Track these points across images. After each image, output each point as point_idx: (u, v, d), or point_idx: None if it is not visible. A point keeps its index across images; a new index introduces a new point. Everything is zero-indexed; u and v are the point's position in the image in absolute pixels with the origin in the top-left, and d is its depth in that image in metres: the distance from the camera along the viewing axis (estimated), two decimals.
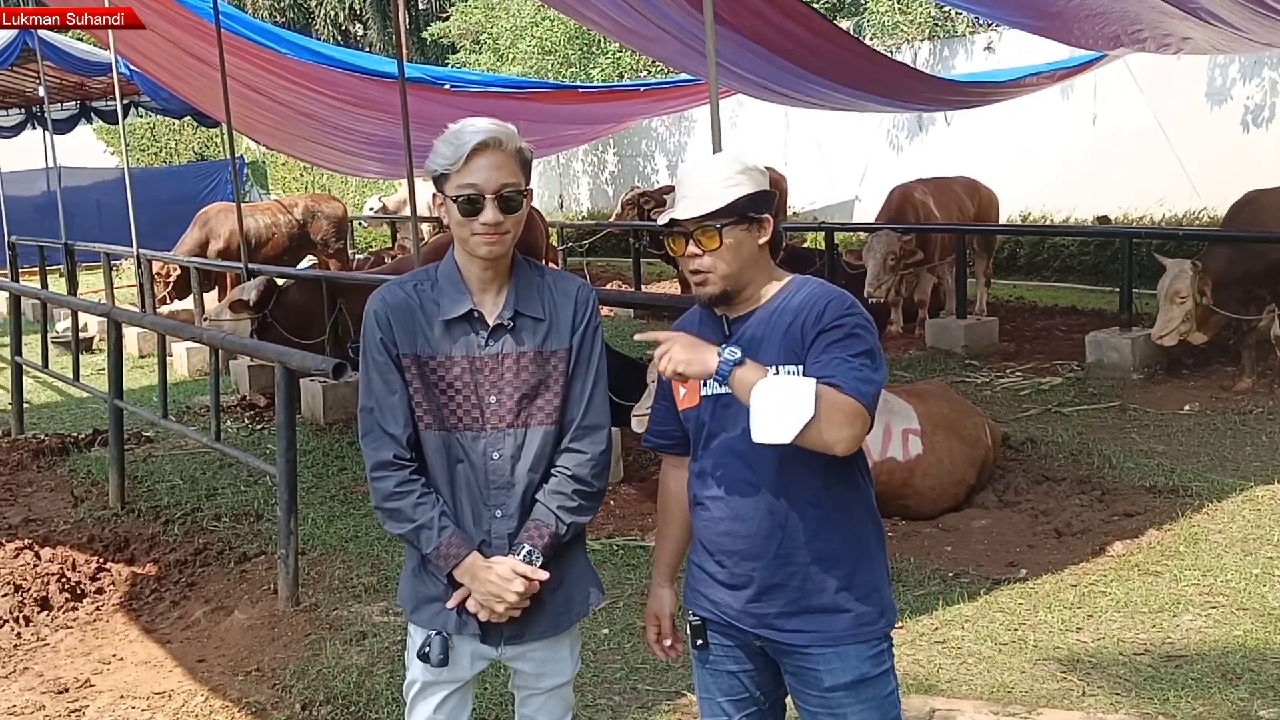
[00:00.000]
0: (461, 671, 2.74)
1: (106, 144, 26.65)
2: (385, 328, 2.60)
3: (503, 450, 2.61)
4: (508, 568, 2.56)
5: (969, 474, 6.15)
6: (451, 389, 2.60)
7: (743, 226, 2.49)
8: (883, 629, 2.54)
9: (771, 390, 2.30)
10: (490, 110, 11.85)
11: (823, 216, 16.62)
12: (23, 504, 7.15)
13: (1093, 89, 14.50)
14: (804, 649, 2.50)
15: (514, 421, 2.61)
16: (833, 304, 2.46)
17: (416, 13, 27.77)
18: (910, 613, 4.75)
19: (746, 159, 2.56)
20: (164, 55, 12.17)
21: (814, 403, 2.27)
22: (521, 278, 2.65)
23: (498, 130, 2.54)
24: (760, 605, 2.51)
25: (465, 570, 2.58)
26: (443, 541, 2.57)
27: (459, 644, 2.70)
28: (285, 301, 9.47)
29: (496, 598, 2.56)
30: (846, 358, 2.39)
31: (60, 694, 4.48)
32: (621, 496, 6.52)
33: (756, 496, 2.49)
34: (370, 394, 2.62)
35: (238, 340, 7.02)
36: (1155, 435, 7.27)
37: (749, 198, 2.49)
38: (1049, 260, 14.32)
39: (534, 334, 2.62)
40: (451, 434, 2.61)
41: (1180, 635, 4.45)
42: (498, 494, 2.62)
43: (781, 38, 8.49)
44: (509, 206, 2.55)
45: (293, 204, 14.59)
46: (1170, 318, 8.19)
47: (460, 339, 2.60)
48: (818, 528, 2.48)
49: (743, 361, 2.34)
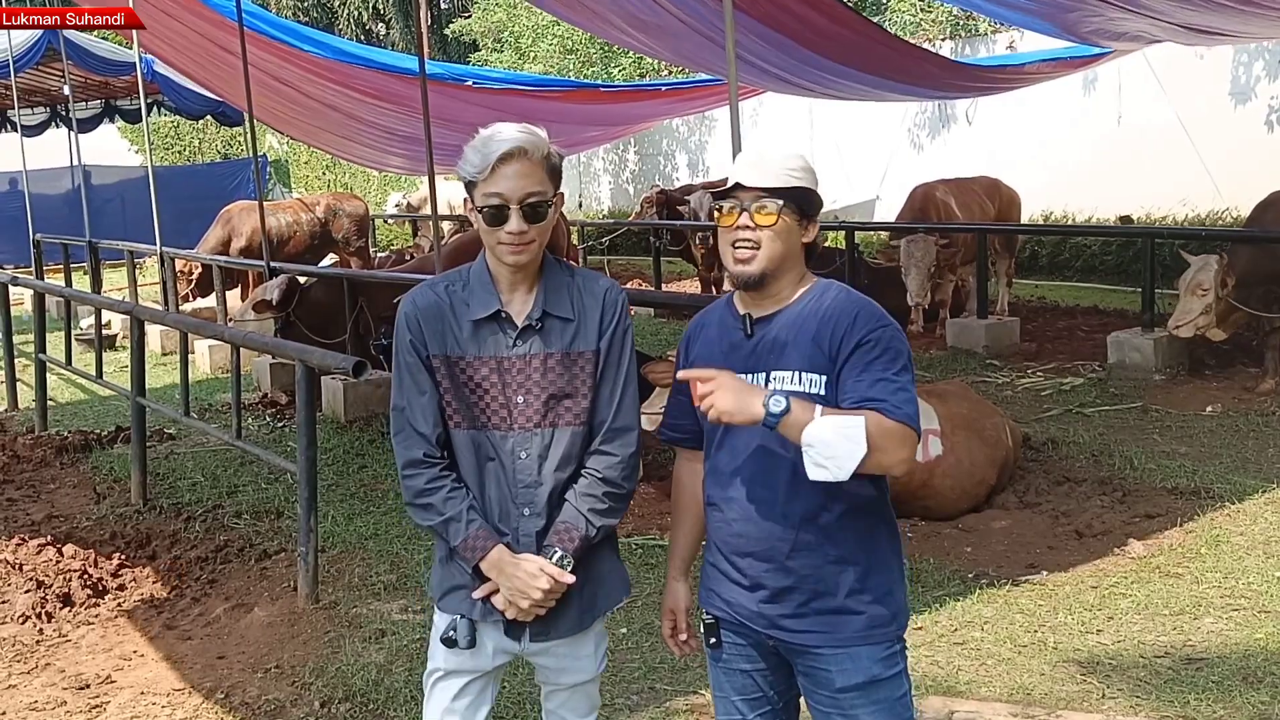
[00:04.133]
0: (484, 661, 2.73)
1: (130, 142, 26.82)
2: (415, 330, 2.63)
3: (530, 450, 2.62)
4: (535, 565, 2.57)
5: (989, 475, 6.13)
6: (480, 389, 2.61)
7: (797, 216, 2.50)
8: (895, 631, 2.53)
9: (823, 433, 2.29)
10: (511, 108, 11.89)
11: (844, 216, 16.53)
12: (45, 500, 7.21)
13: (1116, 87, 14.42)
14: (816, 649, 2.50)
15: (541, 422, 2.62)
16: (862, 315, 2.45)
17: (439, 11, 27.86)
18: (930, 614, 4.74)
19: (809, 159, 2.57)
20: (189, 49, 12.23)
21: (866, 439, 2.28)
22: (551, 278, 2.66)
23: (525, 138, 2.53)
24: (773, 606, 2.51)
25: (492, 564, 2.59)
26: (470, 534, 2.59)
27: (484, 631, 2.69)
28: (307, 300, 9.50)
29: (522, 594, 2.57)
30: (890, 377, 2.39)
31: (81, 690, 4.51)
32: (640, 495, 6.50)
33: (770, 497, 2.49)
34: (401, 393, 2.65)
35: (259, 338, 7.05)
36: (1177, 436, 7.23)
37: (808, 191, 2.51)
38: (1071, 260, 14.25)
39: (562, 335, 2.63)
40: (482, 432, 2.63)
41: (1201, 638, 4.42)
42: (525, 492, 2.63)
43: (802, 26, 8.49)
44: (535, 216, 2.54)
45: (314, 202, 14.66)
46: (1189, 309, 8.16)
47: (488, 339, 2.61)
48: (831, 530, 2.48)
49: (789, 410, 2.30)
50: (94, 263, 14.52)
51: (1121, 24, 8.69)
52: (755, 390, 2.36)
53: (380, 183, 25.76)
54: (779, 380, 2.47)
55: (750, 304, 2.56)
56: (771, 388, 2.38)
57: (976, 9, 12.14)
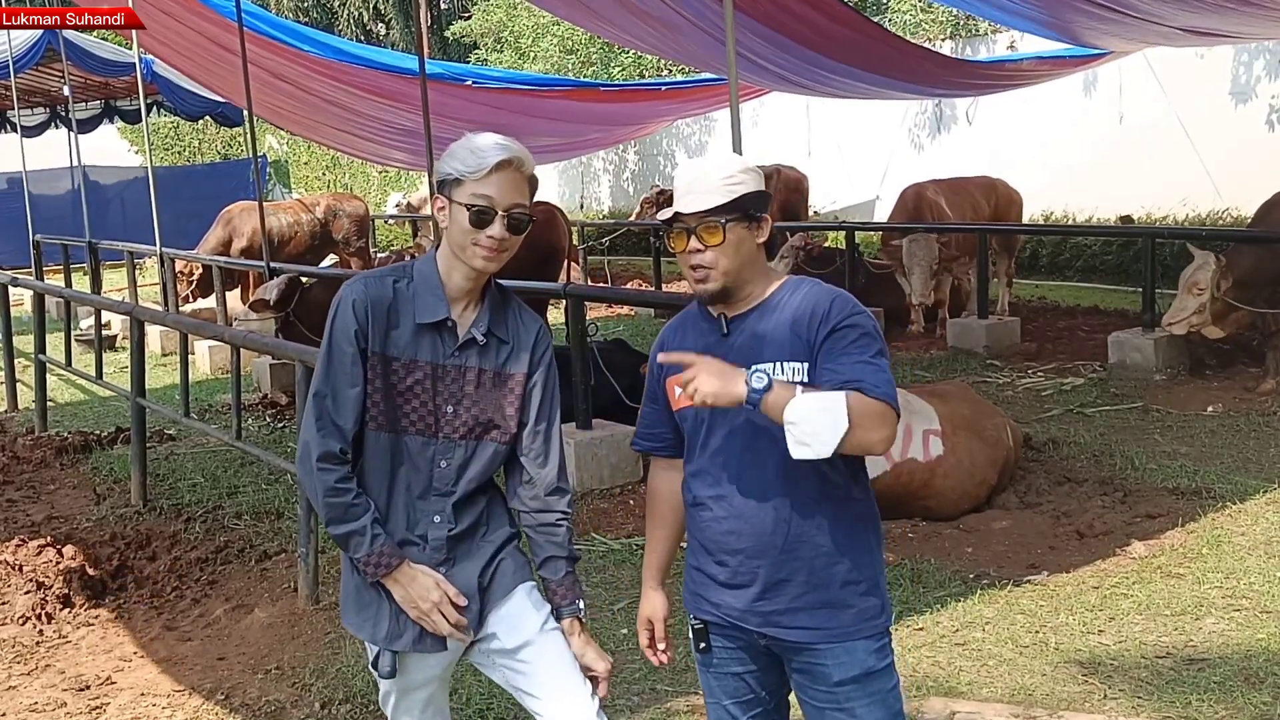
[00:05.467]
0: (431, 671, 2.75)
1: (131, 143, 26.84)
2: (362, 319, 2.56)
3: (451, 460, 2.63)
4: (432, 580, 2.59)
5: (990, 475, 6.12)
6: (410, 393, 2.60)
7: (745, 224, 2.51)
8: (885, 623, 2.56)
9: (805, 408, 2.30)
10: (512, 106, 11.90)
11: (844, 216, 16.56)
12: (46, 501, 7.21)
13: (1117, 87, 14.42)
14: (812, 645, 2.51)
15: (466, 434, 2.63)
16: (837, 303, 2.48)
17: (439, 12, 27.87)
18: (931, 614, 4.73)
19: (746, 160, 2.59)
20: (189, 49, 12.24)
21: (847, 414, 2.28)
22: (494, 299, 2.68)
23: (519, 151, 2.58)
24: (765, 603, 2.52)
25: (393, 579, 2.59)
26: (375, 550, 2.56)
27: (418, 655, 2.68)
28: (307, 300, 9.51)
29: (416, 610, 2.58)
30: (868, 360, 2.41)
31: (81, 691, 4.51)
32: (641, 496, 6.51)
33: (760, 492, 2.49)
34: (327, 381, 2.57)
35: (258, 339, 7.04)
36: (1178, 436, 7.22)
37: (752, 195, 2.51)
38: (1071, 260, 14.25)
39: (498, 354, 2.65)
40: (400, 437, 2.61)
41: (1203, 638, 4.41)
42: (439, 500, 2.64)
43: (802, 25, 8.50)
44: (516, 227, 2.58)
45: (315, 203, 14.66)
46: (1183, 306, 8.25)
47: (426, 344, 2.60)
48: (821, 522, 2.49)
49: (770, 386, 2.32)
50: (94, 263, 14.52)
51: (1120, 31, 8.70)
52: (736, 371, 2.36)
53: (380, 183, 25.77)
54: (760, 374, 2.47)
55: (723, 306, 2.57)
56: (754, 368, 2.39)
57: (975, 11, 12.14)
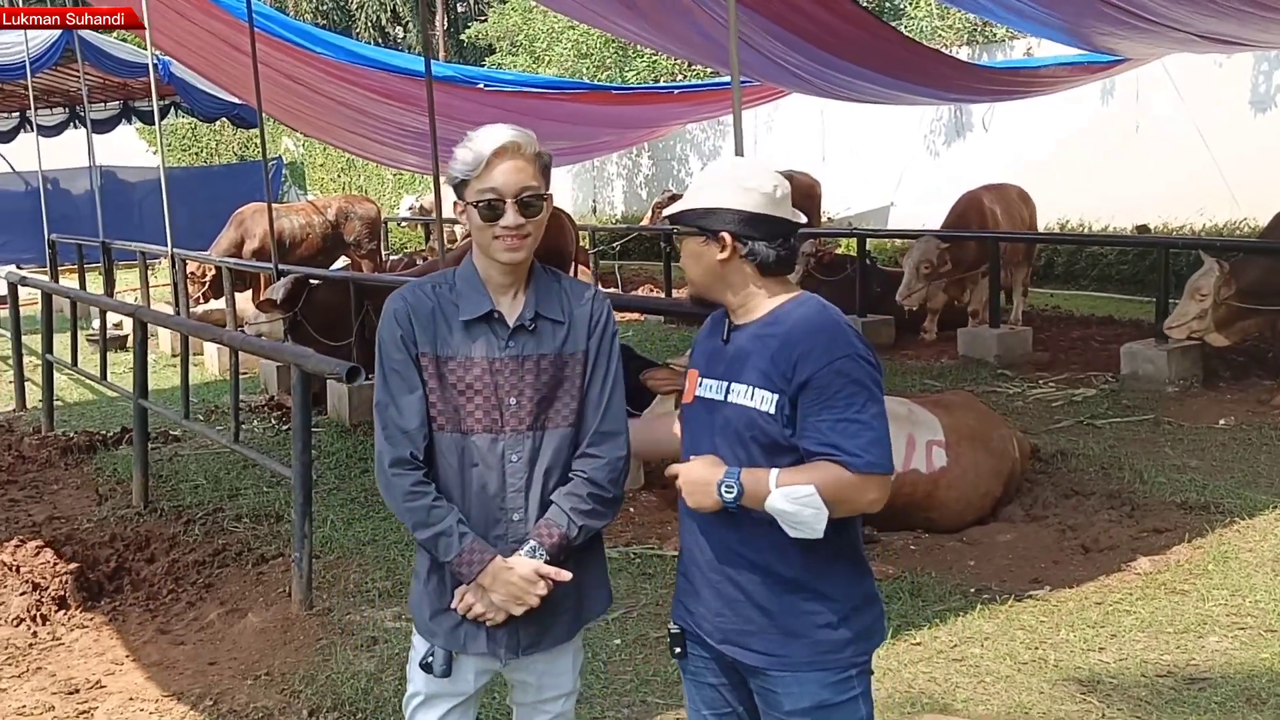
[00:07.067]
0: (465, 685, 2.71)
1: (149, 144, 26.90)
2: (406, 325, 2.58)
3: (521, 453, 2.59)
4: (531, 569, 2.54)
5: (995, 487, 6.04)
6: (470, 390, 2.57)
7: (699, 239, 2.46)
8: (850, 658, 2.45)
9: (780, 506, 2.31)
10: (524, 110, 11.88)
11: (858, 222, 16.50)
12: (48, 501, 7.20)
13: (1135, 95, 14.31)
14: (765, 670, 2.46)
15: (532, 424, 2.59)
16: (822, 343, 2.36)
17: (455, 15, 27.92)
18: (929, 629, 4.66)
19: (735, 170, 2.49)
20: (202, 49, 12.27)
21: (822, 501, 2.28)
22: (540, 282, 2.64)
23: (517, 135, 2.53)
24: (723, 620, 2.49)
25: (490, 575, 2.54)
26: (465, 547, 2.54)
27: (464, 659, 2.67)
28: (314, 301, 9.48)
29: (517, 600, 2.54)
30: (851, 416, 2.32)
31: (70, 695, 4.47)
32: (642, 504, 6.46)
33: (722, 512, 2.43)
34: (387, 390, 2.59)
35: (256, 342, 7.02)
36: (1189, 449, 7.12)
37: (701, 212, 2.44)
38: (1087, 269, 14.12)
39: (554, 337, 2.60)
40: (467, 437, 2.58)
41: (1205, 657, 4.33)
42: (515, 496, 2.60)
43: (816, 27, 8.47)
44: (529, 210, 2.54)
45: (326, 205, 14.67)
46: (1185, 311, 8.32)
47: (480, 340, 2.58)
48: (779, 548, 2.41)
49: (742, 492, 2.34)
50: (107, 263, 14.55)
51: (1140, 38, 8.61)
52: (711, 480, 2.38)
53: (394, 185, 25.81)
54: (737, 393, 2.44)
55: (731, 313, 2.53)
56: (724, 475, 2.38)
57: (991, 16, 12.05)
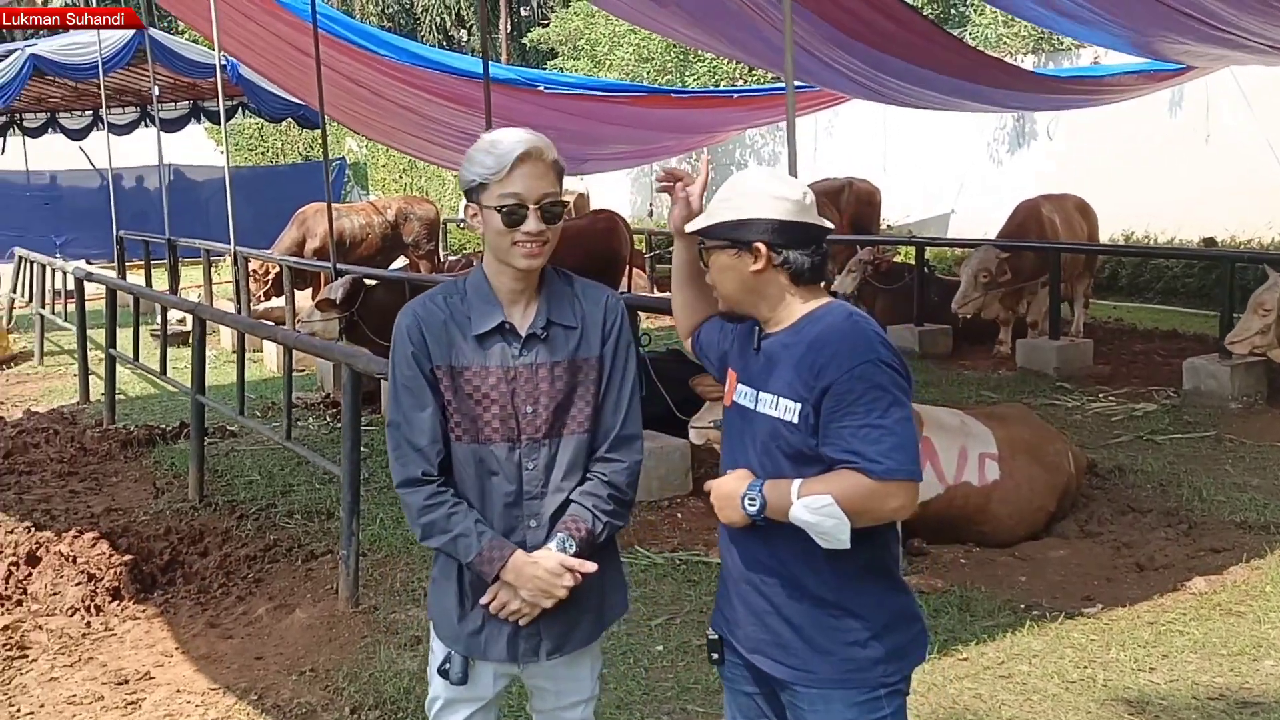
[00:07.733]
0: (484, 690, 2.72)
1: (217, 143, 27.37)
2: (418, 342, 2.58)
3: (537, 460, 2.60)
4: (555, 562, 2.54)
5: (1049, 501, 5.95)
6: (487, 399, 2.57)
7: (730, 252, 2.42)
8: (879, 677, 2.40)
9: (803, 517, 2.30)
10: (584, 112, 11.91)
11: (918, 230, 16.35)
12: (107, 493, 7.33)
13: (1204, 106, 14.05)
14: (790, 685, 2.44)
15: (549, 432, 2.59)
16: (845, 349, 2.31)
17: (518, 19, 28.12)
18: (976, 645, 4.60)
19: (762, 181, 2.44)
20: (266, 50, 12.44)
21: (843, 512, 2.26)
22: (552, 287, 2.64)
23: (537, 140, 2.53)
24: (754, 630, 2.47)
25: (512, 570, 2.55)
26: (484, 546, 2.55)
27: (482, 664, 2.68)
28: (370, 301, 9.59)
29: (545, 593, 2.54)
30: (873, 422, 2.27)
31: (120, 685, 4.54)
32: (689, 510, 6.43)
33: (754, 527, 2.41)
34: (399, 409, 2.60)
35: (309, 340, 7.10)
36: (1250, 468, 6.96)
37: (729, 224, 2.40)
38: (1151, 282, 13.88)
39: (566, 343, 2.60)
40: (485, 446, 2.58)
41: (1259, 681, 4.23)
42: (532, 504, 2.61)
43: (872, 32, 8.40)
44: (550, 217, 2.53)
45: (386, 205, 14.83)
46: (1247, 326, 8.18)
47: (494, 349, 2.58)
48: (806, 561, 2.39)
49: (765, 504, 2.34)
50: (172, 260, 14.81)
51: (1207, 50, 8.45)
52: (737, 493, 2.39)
53: (454, 187, 25.97)
54: (764, 402, 2.43)
55: (763, 323, 2.51)
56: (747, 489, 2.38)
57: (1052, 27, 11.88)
